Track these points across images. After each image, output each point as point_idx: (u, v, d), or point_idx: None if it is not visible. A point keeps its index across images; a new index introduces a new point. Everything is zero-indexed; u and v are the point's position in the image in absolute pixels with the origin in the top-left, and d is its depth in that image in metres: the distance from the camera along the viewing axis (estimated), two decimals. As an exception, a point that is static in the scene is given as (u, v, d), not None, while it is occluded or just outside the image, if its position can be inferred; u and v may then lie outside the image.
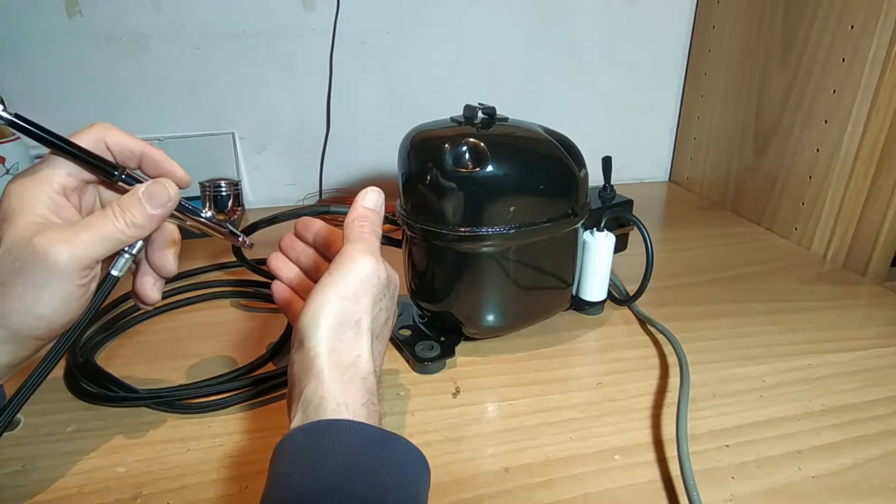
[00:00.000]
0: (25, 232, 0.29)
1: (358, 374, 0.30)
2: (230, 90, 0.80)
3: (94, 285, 0.32)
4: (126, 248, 0.33)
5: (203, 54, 0.77)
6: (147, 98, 0.78)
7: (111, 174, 0.33)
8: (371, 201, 0.36)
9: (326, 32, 0.79)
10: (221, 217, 0.39)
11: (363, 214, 0.36)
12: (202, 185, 0.39)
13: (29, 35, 0.72)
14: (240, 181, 0.40)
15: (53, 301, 0.30)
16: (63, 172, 0.32)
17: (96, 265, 0.32)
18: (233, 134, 0.83)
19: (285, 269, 0.43)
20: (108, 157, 0.33)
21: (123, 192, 0.33)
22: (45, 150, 0.31)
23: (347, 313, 0.31)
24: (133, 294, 0.38)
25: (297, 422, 0.29)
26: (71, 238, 0.30)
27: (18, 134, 0.66)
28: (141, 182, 0.33)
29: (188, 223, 0.37)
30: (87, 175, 0.33)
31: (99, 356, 0.49)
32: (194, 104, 0.80)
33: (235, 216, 0.40)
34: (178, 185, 0.34)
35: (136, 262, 0.37)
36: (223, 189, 0.39)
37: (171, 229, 0.37)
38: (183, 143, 0.80)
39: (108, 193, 0.35)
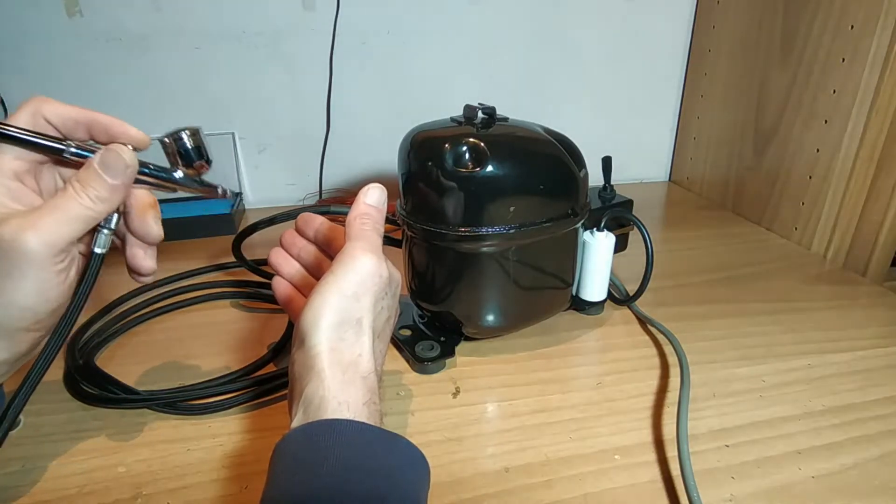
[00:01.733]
0: None
1: (359, 374, 0.30)
2: (230, 90, 0.80)
3: (73, 270, 0.31)
4: (102, 224, 0.31)
5: (203, 54, 0.77)
6: (147, 98, 0.78)
7: (59, 150, 0.30)
8: (373, 198, 0.36)
9: (326, 32, 0.79)
10: (191, 172, 0.36)
11: (365, 212, 0.35)
12: (162, 141, 0.35)
13: (29, 35, 0.72)
14: (199, 128, 0.36)
15: (33, 290, 0.29)
16: (10, 157, 0.30)
17: (71, 248, 0.30)
18: (233, 134, 0.83)
19: (286, 265, 0.43)
20: (52, 133, 0.31)
21: (80, 166, 0.31)
22: None
23: (348, 312, 0.31)
24: (128, 270, 0.36)
25: (297, 421, 0.29)
26: (36, 223, 0.29)
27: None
28: (95, 152, 0.31)
29: (161, 185, 0.35)
30: (37, 155, 0.31)
31: (99, 357, 0.49)
32: (194, 104, 0.80)
33: (204, 170, 0.37)
34: (135, 148, 0.32)
35: (119, 236, 0.35)
36: (186, 141, 0.35)
37: (143, 193, 0.34)
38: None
39: (67, 171, 0.33)
